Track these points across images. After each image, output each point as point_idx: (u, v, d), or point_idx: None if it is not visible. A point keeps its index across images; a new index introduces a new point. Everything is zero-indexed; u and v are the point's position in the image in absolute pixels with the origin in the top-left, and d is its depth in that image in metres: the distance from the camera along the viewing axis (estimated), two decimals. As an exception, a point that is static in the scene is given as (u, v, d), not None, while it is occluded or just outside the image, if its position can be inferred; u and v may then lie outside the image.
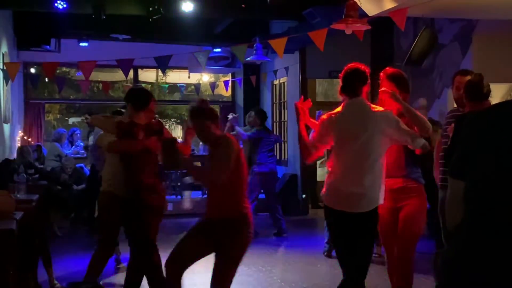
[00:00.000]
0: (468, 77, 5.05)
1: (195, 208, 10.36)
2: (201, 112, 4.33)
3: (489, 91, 4.83)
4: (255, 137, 9.14)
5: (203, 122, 4.30)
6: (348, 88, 4.37)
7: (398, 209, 4.57)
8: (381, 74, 4.73)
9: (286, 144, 13.06)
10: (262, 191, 9.33)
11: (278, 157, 13.57)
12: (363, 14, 6.57)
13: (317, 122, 4.55)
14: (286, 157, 13.08)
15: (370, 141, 4.18)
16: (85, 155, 11.02)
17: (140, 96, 5.13)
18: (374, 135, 4.17)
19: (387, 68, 4.78)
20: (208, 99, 6.47)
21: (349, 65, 4.52)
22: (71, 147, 11.62)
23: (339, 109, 4.35)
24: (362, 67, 4.46)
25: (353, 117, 4.28)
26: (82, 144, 11.45)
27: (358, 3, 6.27)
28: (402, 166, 4.55)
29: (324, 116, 4.42)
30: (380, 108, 4.31)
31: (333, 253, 5.96)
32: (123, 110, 6.32)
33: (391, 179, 4.45)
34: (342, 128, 4.30)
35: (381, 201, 4.21)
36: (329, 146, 4.41)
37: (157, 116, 6.92)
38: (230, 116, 9.18)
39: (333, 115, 4.34)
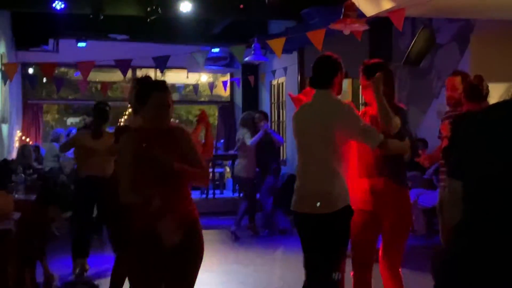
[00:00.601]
0: (459, 77, 5.12)
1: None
2: None
3: (488, 93, 4.87)
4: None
5: None
6: (316, 79, 4.10)
7: (377, 217, 4.13)
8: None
9: (285, 144, 13.06)
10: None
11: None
12: (361, 14, 6.58)
13: None
14: (285, 156, 13.08)
15: (324, 136, 3.92)
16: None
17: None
18: (328, 129, 3.89)
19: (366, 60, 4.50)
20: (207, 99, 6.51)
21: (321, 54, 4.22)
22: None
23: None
24: (334, 56, 4.15)
25: (312, 110, 4.06)
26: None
27: (356, 3, 6.28)
28: (380, 165, 4.11)
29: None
30: (343, 101, 4.03)
31: None
32: None
33: (369, 179, 4.14)
34: (300, 121, 4.11)
35: (345, 203, 3.85)
36: None
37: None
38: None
39: (298, 108, 4.18)
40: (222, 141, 14.01)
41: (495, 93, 5.17)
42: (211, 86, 13.15)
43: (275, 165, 9.46)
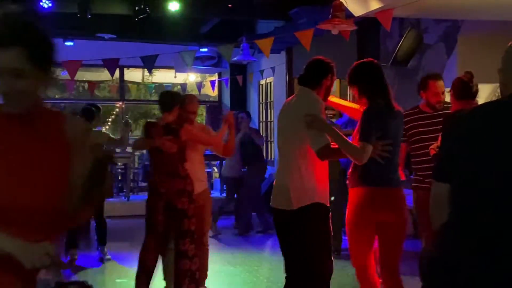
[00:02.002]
0: (441, 81, 5.11)
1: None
2: None
3: (477, 91, 4.87)
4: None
5: None
6: (304, 77, 4.20)
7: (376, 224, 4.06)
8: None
9: (272, 144, 13.06)
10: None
11: (265, 157, 13.59)
12: (349, 15, 6.59)
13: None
14: (273, 157, 13.08)
15: (289, 133, 4.05)
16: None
17: (163, 99, 5.51)
18: (295, 125, 3.97)
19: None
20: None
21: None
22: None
23: None
24: (328, 60, 4.25)
25: (289, 106, 4.16)
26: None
27: (344, 4, 6.29)
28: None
29: None
30: (320, 101, 4.07)
31: None
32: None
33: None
34: (279, 117, 4.28)
35: (311, 200, 3.90)
36: None
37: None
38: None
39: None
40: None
41: (483, 94, 5.20)
42: (199, 85, 13.13)
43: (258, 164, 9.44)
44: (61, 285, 2.68)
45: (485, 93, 7.63)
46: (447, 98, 5.38)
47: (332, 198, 5.22)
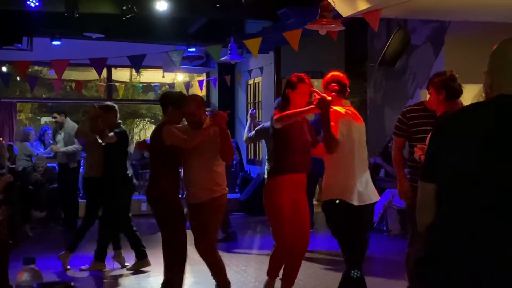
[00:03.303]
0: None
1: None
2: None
3: (461, 89, 4.86)
4: None
5: None
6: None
7: (295, 201, 5.05)
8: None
9: (260, 144, 13.06)
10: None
11: (252, 157, 13.59)
12: (337, 15, 6.60)
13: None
14: (260, 157, 13.09)
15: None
16: (51, 154, 10.85)
17: (159, 100, 5.69)
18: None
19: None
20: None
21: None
22: (42, 146, 11.43)
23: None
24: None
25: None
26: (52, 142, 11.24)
27: (332, 4, 6.30)
28: (307, 163, 5.03)
29: None
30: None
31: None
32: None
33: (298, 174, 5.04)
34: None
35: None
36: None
37: (119, 122, 7.00)
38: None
39: None
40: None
41: (469, 95, 5.22)
42: (187, 85, 13.10)
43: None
44: (44, 285, 2.67)
45: (472, 93, 7.67)
46: None
47: None
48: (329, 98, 4.27)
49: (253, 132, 7.33)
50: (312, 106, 4.44)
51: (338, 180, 4.39)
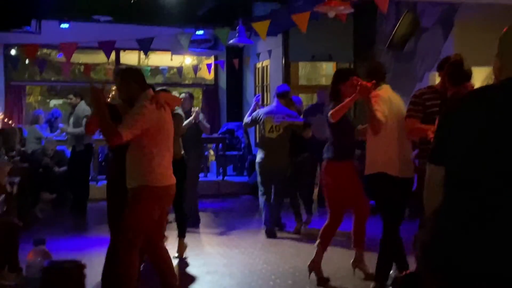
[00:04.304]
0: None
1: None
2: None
3: (470, 72, 4.84)
4: None
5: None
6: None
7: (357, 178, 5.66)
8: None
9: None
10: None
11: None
12: (346, -3, 6.57)
13: None
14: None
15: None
16: (66, 137, 10.92)
17: None
18: None
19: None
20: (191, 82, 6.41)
21: None
22: (51, 129, 11.47)
23: None
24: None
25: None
26: (61, 125, 11.27)
27: (341, -14, 6.27)
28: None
29: None
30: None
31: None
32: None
33: None
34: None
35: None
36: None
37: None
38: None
39: None
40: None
41: (479, 77, 5.19)
42: (195, 68, 13.10)
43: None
44: (55, 264, 2.72)
45: (482, 76, 7.63)
46: None
47: None
48: (369, 84, 4.78)
49: (249, 118, 7.88)
50: (355, 94, 4.98)
51: (382, 155, 4.93)
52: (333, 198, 5.63)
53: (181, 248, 6.74)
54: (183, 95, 8.10)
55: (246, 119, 8.00)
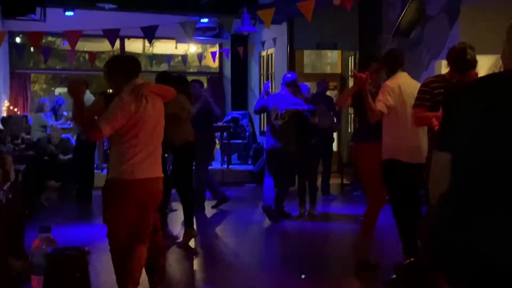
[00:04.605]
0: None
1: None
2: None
3: (474, 60, 4.81)
4: None
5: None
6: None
7: None
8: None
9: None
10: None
11: (264, 129, 13.59)
12: (351, -15, 6.54)
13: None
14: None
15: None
16: (71, 125, 10.94)
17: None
18: None
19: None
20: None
21: None
22: (55, 117, 11.46)
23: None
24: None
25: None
26: (65, 114, 11.27)
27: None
28: None
29: None
30: None
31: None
32: None
33: None
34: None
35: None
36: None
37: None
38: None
39: None
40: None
41: (485, 65, 5.17)
42: (200, 57, 13.07)
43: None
44: (58, 251, 2.73)
45: (488, 64, 7.60)
46: None
47: None
48: (364, 75, 5.04)
49: (258, 106, 8.09)
50: (352, 85, 5.39)
51: (391, 142, 5.13)
52: (370, 182, 5.61)
53: (187, 236, 6.50)
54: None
55: (256, 106, 8.20)
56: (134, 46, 14.95)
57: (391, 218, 5.17)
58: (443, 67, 5.39)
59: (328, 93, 10.46)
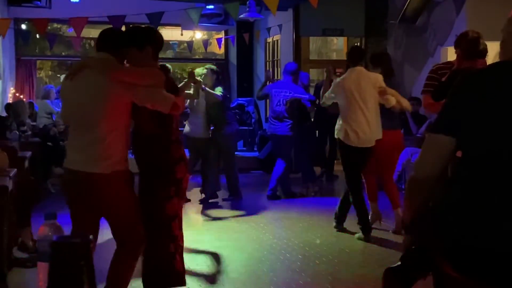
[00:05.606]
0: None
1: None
2: None
3: (485, 50, 4.80)
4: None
5: None
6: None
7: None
8: None
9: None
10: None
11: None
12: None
13: None
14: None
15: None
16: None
17: None
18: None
19: None
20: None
21: None
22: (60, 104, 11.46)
23: None
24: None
25: None
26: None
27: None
28: None
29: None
30: None
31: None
32: None
33: None
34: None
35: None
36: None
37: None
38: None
39: None
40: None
41: (492, 52, 5.14)
42: (206, 43, 13.05)
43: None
44: (62, 239, 2.74)
45: (494, 51, 7.56)
46: None
47: None
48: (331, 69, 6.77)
49: (261, 92, 8.77)
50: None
51: (341, 126, 6.19)
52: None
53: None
54: (204, 70, 8.26)
55: (258, 92, 8.94)
56: (140, 32, 14.93)
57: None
58: (450, 53, 5.37)
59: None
